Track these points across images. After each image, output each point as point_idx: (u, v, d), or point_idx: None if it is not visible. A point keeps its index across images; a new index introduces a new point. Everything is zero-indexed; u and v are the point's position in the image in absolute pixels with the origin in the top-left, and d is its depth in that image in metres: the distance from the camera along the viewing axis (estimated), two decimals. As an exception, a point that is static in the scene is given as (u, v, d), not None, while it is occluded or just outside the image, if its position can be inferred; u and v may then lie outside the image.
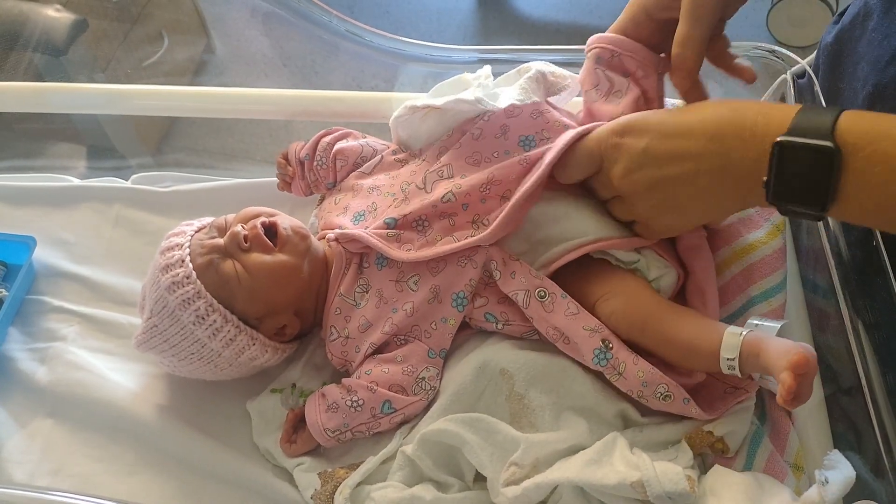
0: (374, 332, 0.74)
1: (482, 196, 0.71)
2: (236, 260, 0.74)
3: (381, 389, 0.72)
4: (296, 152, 0.87)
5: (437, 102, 0.76)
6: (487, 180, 0.71)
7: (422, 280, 0.72)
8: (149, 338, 0.76)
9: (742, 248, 0.72)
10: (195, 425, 0.80)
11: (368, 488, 0.69)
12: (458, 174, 0.73)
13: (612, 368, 0.66)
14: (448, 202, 0.72)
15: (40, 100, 0.98)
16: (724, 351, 0.61)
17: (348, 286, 0.76)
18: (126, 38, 1.60)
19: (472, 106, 0.74)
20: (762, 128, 0.55)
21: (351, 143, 0.84)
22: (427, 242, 0.72)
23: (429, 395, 0.73)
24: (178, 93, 0.97)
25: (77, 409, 0.82)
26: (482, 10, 2.25)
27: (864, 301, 0.67)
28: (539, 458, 0.66)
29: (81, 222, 1.00)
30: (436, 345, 0.73)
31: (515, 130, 0.74)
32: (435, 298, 0.72)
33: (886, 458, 0.61)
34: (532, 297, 0.69)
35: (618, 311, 0.68)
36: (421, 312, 0.73)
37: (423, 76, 0.97)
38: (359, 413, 0.72)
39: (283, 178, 0.90)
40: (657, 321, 0.66)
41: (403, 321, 0.73)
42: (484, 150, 0.74)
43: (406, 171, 0.78)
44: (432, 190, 0.73)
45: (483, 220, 0.71)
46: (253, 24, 1.64)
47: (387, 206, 0.75)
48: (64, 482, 0.79)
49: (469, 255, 0.71)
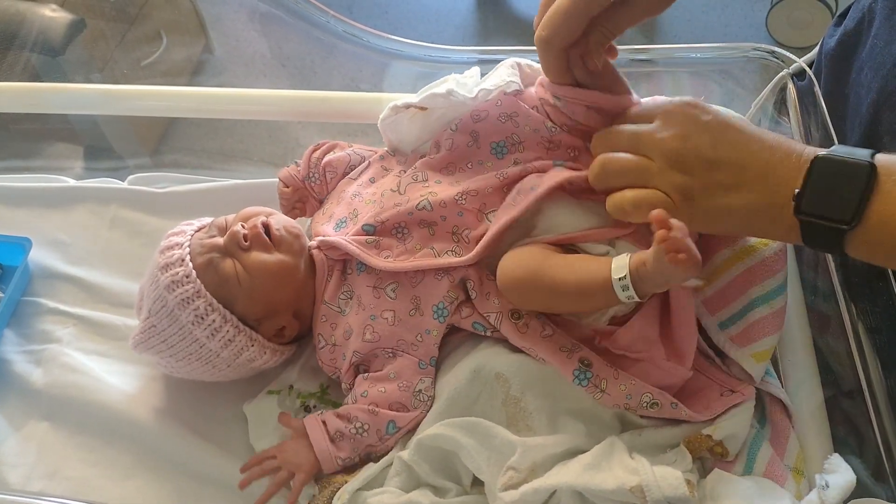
0: (356, 339, 0.73)
1: (459, 208, 0.71)
2: (236, 259, 0.74)
3: (383, 411, 0.72)
4: (295, 176, 0.87)
5: (414, 99, 0.76)
6: (463, 191, 0.71)
7: (400, 289, 0.72)
8: (147, 338, 0.76)
9: (743, 249, 0.72)
10: (191, 428, 0.79)
11: (365, 494, 0.69)
12: (432, 179, 0.74)
13: (594, 387, 0.66)
14: (424, 209, 0.72)
15: (37, 100, 0.98)
16: (614, 273, 0.60)
17: (332, 293, 0.75)
18: (124, 38, 1.60)
19: (445, 99, 0.74)
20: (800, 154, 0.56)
21: (339, 154, 0.84)
22: (406, 251, 0.72)
23: (427, 406, 0.73)
24: (176, 93, 0.96)
25: (73, 412, 0.82)
26: (481, 10, 2.25)
27: (865, 304, 0.67)
28: (536, 462, 0.65)
29: (77, 223, 0.99)
30: (424, 355, 0.73)
31: (486, 137, 0.73)
32: (416, 310, 0.72)
33: (887, 461, 0.61)
34: (505, 317, 0.70)
35: (506, 271, 0.67)
36: (404, 324, 0.72)
37: (421, 77, 0.97)
38: (366, 437, 0.72)
39: (299, 202, 0.88)
40: (545, 269, 0.65)
41: (386, 330, 0.72)
42: (458, 161, 0.74)
43: (388, 180, 0.78)
44: (405, 193, 0.73)
45: (462, 232, 0.71)
46: (251, 25, 1.63)
47: (366, 214, 0.75)
48: (59, 486, 0.78)
49: (447, 271, 0.71)
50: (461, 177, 0.73)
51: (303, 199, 0.88)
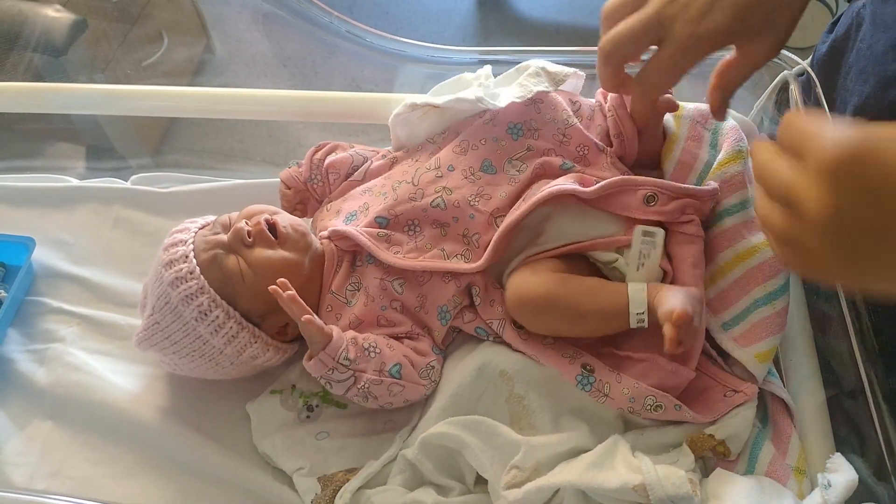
0: (366, 329, 0.74)
1: (472, 210, 0.72)
2: (240, 256, 0.74)
3: (397, 352, 0.72)
4: (297, 177, 0.87)
5: (438, 101, 0.76)
6: (477, 193, 0.72)
7: (407, 285, 0.73)
8: (150, 335, 0.76)
9: (745, 250, 0.72)
10: (195, 427, 0.79)
11: (369, 492, 0.69)
12: (444, 165, 0.75)
13: (597, 391, 0.67)
14: (438, 208, 0.72)
15: (40, 100, 0.98)
16: (633, 307, 0.64)
17: (340, 284, 0.76)
18: (126, 38, 1.60)
19: (472, 105, 0.75)
20: None
21: (341, 155, 0.85)
22: (416, 248, 0.73)
23: (430, 388, 0.73)
24: (178, 93, 0.96)
25: (76, 411, 0.82)
26: (482, 10, 2.25)
27: (867, 304, 0.67)
28: (540, 460, 0.66)
29: (80, 223, 0.99)
30: (435, 342, 0.75)
31: (504, 117, 0.75)
32: (422, 308, 0.74)
33: (889, 461, 0.61)
34: (508, 324, 0.71)
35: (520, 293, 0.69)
36: (412, 315, 0.74)
37: (423, 77, 0.97)
38: (371, 360, 0.70)
39: (301, 203, 0.88)
40: (562, 295, 0.67)
41: (398, 317, 0.74)
42: (471, 138, 0.76)
43: (398, 171, 0.79)
44: (419, 184, 0.74)
45: (473, 236, 0.72)
46: (253, 25, 1.64)
47: (378, 205, 0.76)
48: (63, 485, 0.78)
49: (455, 275, 0.72)
50: (473, 152, 0.74)
51: (304, 201, 0.88)
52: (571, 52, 0.87)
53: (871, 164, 0.37)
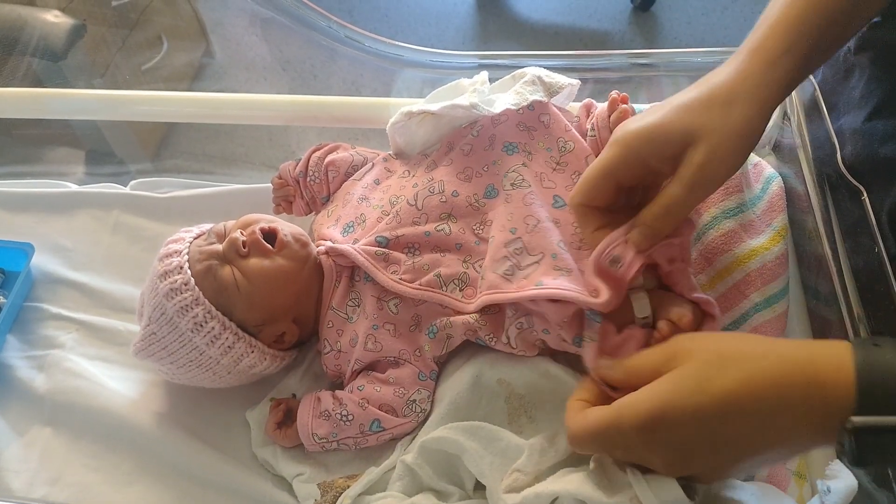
0: (360, 347, 0.74)
1: (476, 237, 0.72)
2: (235, 266, 0.74)
3: (372, 408, 0.72)
4: (290, 171, 0.87)
5: (433, 108, 0.76)
6: (480, 221, 0.72)
7: (402, 305, 0.73)
8: (147, 345, 0.76)
9: (744, 253, 0.72)
10: (194, 434, 0.79)
11: (369, 499, 0.69)
12: (448, 189, 0.74)
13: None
14: (441, 233, 0.72)
15: (39, 105, 0.98)
16: (638, 312, 0.63)
17: (340, 299, 0.75)
18: (125, 43, 1.60)
19: (467, 111, 0.74)
20: (820, 402, 0.47)
21: (342, 154, 0.85)
22: (414, 268, 0.72)
23: (419, 418, 0.73)
24: (177, 98, 0.96)
25: (75, 418, 0.82)
26: (481, 13, 2.26)
27: (867, 308, 0.67)
28: (543, 465, 0.65)
29: (80, 228, 0.99)
30: (424, 368, 0.73)
31: (500, 138, 0.75)
32: (416, 327, 0.73)
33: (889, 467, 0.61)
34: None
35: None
36: (404, 338, 0.73)
37: (422, 81, 0.97)
38: (348, 427, 0.73)
39: (284, 198, 0.89)
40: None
41: (388, 341, 0.73)
42: (475, 165, 0.75)
43: (395, 184, 0.78)
44: (423, 208, 0.73)
45: (475, 263, 0.71)
46: (252, 29, 1.63)
47: (375, 220, 0.75)
48: (62, 491, 0.78)
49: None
50: (477, 179, 0.74)
51: (288, 198, 0.88)
52: (570, 56, 0.87)
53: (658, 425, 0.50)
